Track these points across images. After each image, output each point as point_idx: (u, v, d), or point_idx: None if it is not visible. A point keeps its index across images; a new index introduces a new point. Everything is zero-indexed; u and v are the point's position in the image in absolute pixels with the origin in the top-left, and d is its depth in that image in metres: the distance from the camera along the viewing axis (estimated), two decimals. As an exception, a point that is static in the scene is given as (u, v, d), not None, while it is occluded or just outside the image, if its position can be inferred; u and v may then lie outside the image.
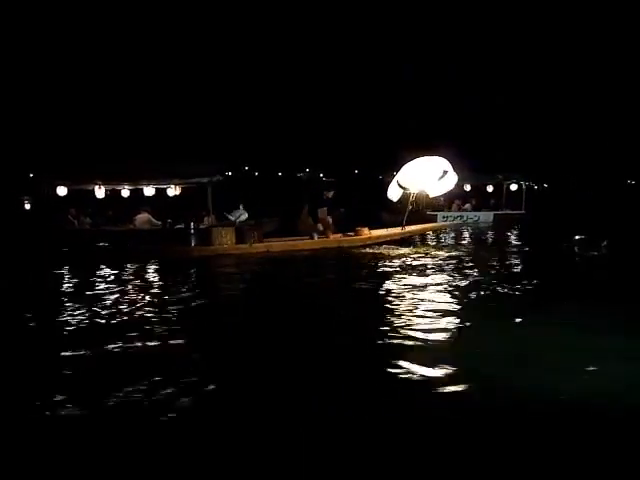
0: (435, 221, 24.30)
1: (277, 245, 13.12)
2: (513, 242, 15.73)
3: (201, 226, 13.09)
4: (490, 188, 25.26)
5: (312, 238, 13.41)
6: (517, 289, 8.23)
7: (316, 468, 3.10)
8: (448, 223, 15.01)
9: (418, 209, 14.58)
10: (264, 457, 3.22)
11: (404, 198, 13.89)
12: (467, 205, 25.39)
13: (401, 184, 13.61)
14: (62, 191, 15.52)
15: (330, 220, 13.53)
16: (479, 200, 25.44)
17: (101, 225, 16.16)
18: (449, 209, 24.98)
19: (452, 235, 16.80)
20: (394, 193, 13.83)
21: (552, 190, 30.51)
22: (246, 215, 13.54)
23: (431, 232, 14.74)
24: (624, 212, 22.80)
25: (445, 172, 13.46)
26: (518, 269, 10.55)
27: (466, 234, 17.91)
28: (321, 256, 12.49)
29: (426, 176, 13.43)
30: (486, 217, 24.78)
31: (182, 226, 12.95)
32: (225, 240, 12.80)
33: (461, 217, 24.81)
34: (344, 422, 3.62)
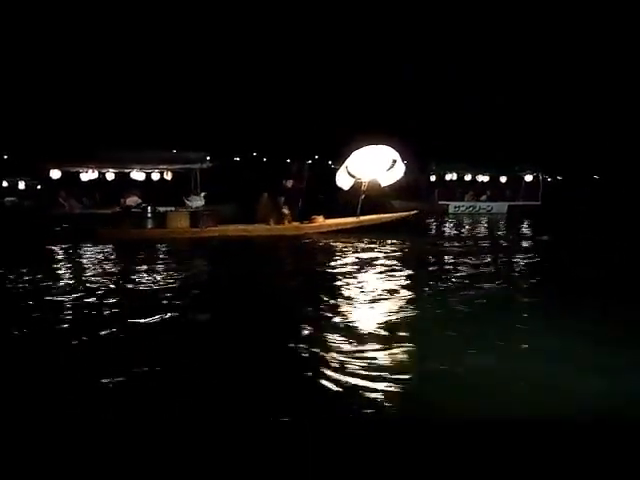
0: (447, 210, 24.07)
1: (230, 230, 13.35)
2: (478, 234, 15.33)
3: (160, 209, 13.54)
4: (504, 179, 24.61)
5: (268, 224, 13.61)
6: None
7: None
8: (406, 214, 14.59)
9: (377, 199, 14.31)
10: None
11: (356, 186, 13.75)
12: (483, 196, 24.96)
13: (351, 172, 13.50)
14: (56, 174, 16.40)
15: (286, 210, 13.64)
16: (495, 191, 24.89)
17: (90, 207, 17.05)
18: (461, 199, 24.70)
19: (413, 226, 16.21)
20: (344, 181, 13.73)
21: (565, 182, 29.18)
22: (203, 202, 13.85)
23: (390, 221, 14.35)
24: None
25: (394, 161, 13.26)
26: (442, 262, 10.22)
27: (433, 225, 17.55)
28: (271, 242, 12.63)
29: (375, 165, 13.24)
30: (500, 208, 24.21)
31: (139, 209, 13.41)
32: (179, 224, 13.22)
33: (473, 207, 24.36)
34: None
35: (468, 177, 25.02)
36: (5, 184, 19.58)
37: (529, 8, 40.25)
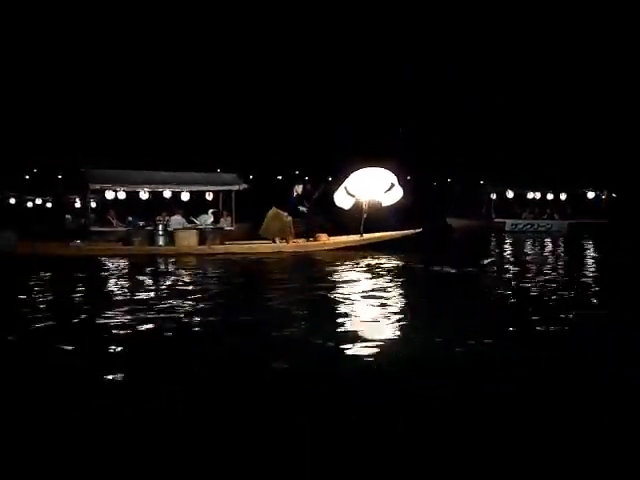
0: (503, 228, 23.08)
1: (236, 248, 13.67)
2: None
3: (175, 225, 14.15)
4: (563, 196, 23.46)
5: (274, 242, 13.84)
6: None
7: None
8: (410, 232, 14.17)
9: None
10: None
11: (357, 206, 13.71)
12: (545, 214, 23.95)
13: (350, 192, 13.51)
14: (110, 195, 17.69)
15: (288, 217, 13.72)
16: (555, 208, 23.79)
17: (136, 225, 18.09)
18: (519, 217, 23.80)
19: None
20: (344, 201, 13.73)
21: (622, 199, 26.71)
22: (212, 219, 14.35)
23: (394, 240, 13.98)
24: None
25: (392, 185, 13.24)
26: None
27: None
28: (275, 260, 12.72)
29: (374, 186, 13.30)
30: (560, 226, 23.10)
31: (151, 227, 14.13)
32: (188, 241, 13.74)
33: (531, 225, 23.37)
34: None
35: (530, 195, 24.16)
36: (61, 201, 21.35)
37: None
